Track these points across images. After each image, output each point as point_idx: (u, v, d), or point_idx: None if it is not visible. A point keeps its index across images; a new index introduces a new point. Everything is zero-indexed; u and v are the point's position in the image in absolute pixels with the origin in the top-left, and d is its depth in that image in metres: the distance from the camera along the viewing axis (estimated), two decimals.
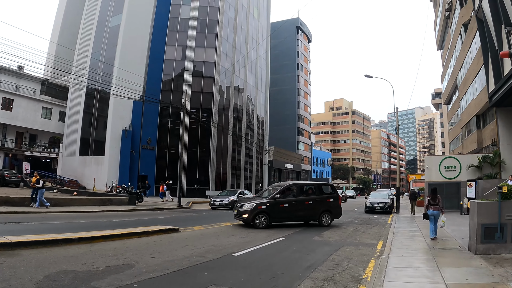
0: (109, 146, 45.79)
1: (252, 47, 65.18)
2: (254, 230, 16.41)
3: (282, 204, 17.75)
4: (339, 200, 20.04)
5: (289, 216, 18.30)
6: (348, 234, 16.23)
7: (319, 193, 19.47)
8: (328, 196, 19.49)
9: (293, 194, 18.67)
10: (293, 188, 19.21)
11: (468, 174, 29.08)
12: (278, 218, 17.86)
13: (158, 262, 8.98)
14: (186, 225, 17.20)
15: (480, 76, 30.41)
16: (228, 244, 12.32)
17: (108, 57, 47.42)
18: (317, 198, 18.99)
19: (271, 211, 17.33)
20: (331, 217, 19.13)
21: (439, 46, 55.17)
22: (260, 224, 16.96)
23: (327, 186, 21.03)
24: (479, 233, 10.10)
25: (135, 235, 12.99)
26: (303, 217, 18.85)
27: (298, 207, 18.28)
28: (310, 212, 18.67)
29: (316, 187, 20.02)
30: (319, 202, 18.95)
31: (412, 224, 20.18)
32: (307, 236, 15.15)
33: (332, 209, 19.18)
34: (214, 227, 17.09)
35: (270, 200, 17.61)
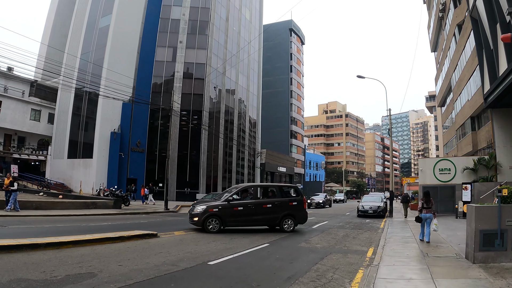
0: (97, 148, 44.93)
1: (244, 49, 64.46)
2: (238, 235, 15.57)
3: (236, 207, 16.55)
4: (304, 203, 18.57)
5: (245, 220, 16.93)
6: (337, 240, 15.36)
7: (280, 195, 18.05)
8: (291, 199, 18.07)
9: (250, 197, 17.59)
10: (250, 190, 18.13)
11: (463, 177, 28.37)
12: (232, 222, 16.59)
13: (124, 271, 8.24)
14: (169, 229, 16.51)
15: (475, 77, 29.79)
16: (206, 251, 11.50)
17: (97, 58, 46.64)
18: (277, 201, 17.52)
19: (223, 214, 16.22)
20: (294, 222, 17.73)
21: (433, 48, 54.75)
22: (212, 228, 15.88)
23: (290, 188, 19.90)
24: (477, 240, 9.21)
25: (109, 240, 12.25)
26: (261, 221, 17.46)
27: (255, 210, 16.96)
28: (269, 216, 17.30)
29: (277, 189, 18.48)
30: (280, 205, 17.47)
31: (405, 229, 19.37)
32: (294, 242, 14.31)
33: (295, 214, 17.77)
34: (196, 232, 16.17)
35: (222, 202, 16.52)
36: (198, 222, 16.00)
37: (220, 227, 16.02)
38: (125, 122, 46.94)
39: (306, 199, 19.87)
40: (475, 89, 29.86)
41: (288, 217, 17.52)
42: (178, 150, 48.88)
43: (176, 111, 47.45)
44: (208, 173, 51.16)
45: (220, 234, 15.73)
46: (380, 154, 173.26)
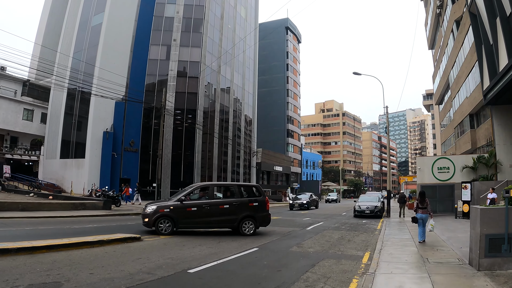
0: (89, 148, 44.10)
1: (239, 47, 63.80)
2: (227, 239, 14.76)
3: (189, 208, 15.35)
4: (267, 204, 17.02)
5: (200, 222, 15.72)
6: (331, 243, 14.52)
7: (240, 195, 16.59)
8: (251, 200, 16.59)
9: (207, 196, 16.24)
10: (207, 189, 16.66)
11: (463, 176, 27.67)
12: (186, 224, 15.40)
13: (93, 281, 7.54)
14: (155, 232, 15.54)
15: (474, 74, 29.25)
16: (189, 256, 10.71)
17: (89, 57, 45.80)
18: (235, 201, 16.17)
19: (176, 215, 15.03)
20: (255, 224, 16.32)
21: (430, 45, 54.36)
22: (164, 230, 14.76)
23: (252, 187, 18.25)
24: (483, 245, 8.38)
25: (87, 245, 11.52)
26: (218, 223, 16.16)
27: (210, 211, 15.68)
28: (227, 218, 15.96)
29: (236, 188, 17.00)
30: (239, 206, 16.13)
31: (403, 230, 18.59)
32: (284, 246, 13.49)
33: (256, 215, 16.34)
34: (183, 235, 15.35)
35: (175, 203, 15.34)
36: (149, 223, 15.00)
37: (172, 229, 14.93)
38: (118, 122, 46.14)
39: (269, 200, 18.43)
40: (474, 86, 29.34)
41: (248, 219, 16.21)
42: (172, 150, 48.15)
43: (170, 110, 46.80)
44: (202, 172, 50.43)
45: (209, 237, 15.03)
46: (377, 153, 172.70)
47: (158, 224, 14.85)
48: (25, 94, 50.81)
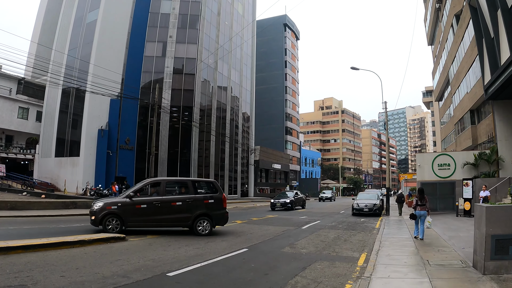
0: (84, 146, 43.52)
1: (236, 44, 63.17)
2: (216, 239, 14.08)
3: (139, 205, 14.15)
4: (224, 201, 15.75)
5: (150, 220, 14.46)
6: (327, 243, 13.78)
7: (194, 192, 15.37)
8: (206, 197, 15.42)
9: (158, 192, 14.82)
10: (158, 185, 15.17)
11: (464, 173, 26.96)
12: (135, 222, 14.20)
13: (61, 284, 7.01)
14: (143, 231, 14.98)
15: (474, 68, 28.60)
16: (172, 258, 10.04)
17: (84, 54, 45.27)
18: (189, 198, 14.89)
19: (124, 213, 13.86)
20: (211, 223, 15.05)
21: (430, 41, 53.78)
22: (111, 229, 13.55)
23: (208, 183, 17.09)
24: (489, 247, 7.66)
25: (67, 245, 10.94)
26: (170, 222, 14.81)
27: (161, 209, 14.47)
28: (179, 216, 14.70)
29: (191, 184, 15.63)
30: (193, 203, 14.89)
31: (403, 229, 17.90)
32: (277, 247, 12.76)
33: (211, 213, 15.11)
34: (173, 235, 14.67)
35: (123, 199, 14.21)
36: (96, 221, 13.75)
37: (121, 228, 13.73)
38: (113, 119, 45.49)
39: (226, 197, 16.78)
40: (475, 81, 28.71)
41: (203, 218, 14.94)
42: (168, 148, 47.63)
43: (166, 108, 46.21)
44: (199, 171, 49.83)
45: (197, 237, 14.25)
46: (377, 150, 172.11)
47: (106, 222, 13.67)
48: (20, 92, 50.24)
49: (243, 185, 62.24)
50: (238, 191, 60.56)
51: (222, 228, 16.69)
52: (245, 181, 63.50)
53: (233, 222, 20.60)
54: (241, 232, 16.18)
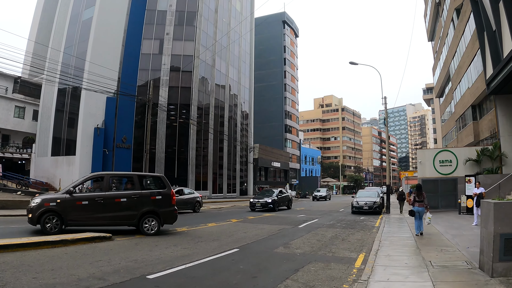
0: (80, 145, 42.85)
1: (234, 41, 62.61)
2: (208, 238, 13.41)
3: (80, 201, 12.86)
4: (172, 198, 14.70)
5: (93, 218, 13.12)
6: (323, 242, 13.09)
7: (140, 187, 14.16)
8: (153, 193, 14.28)
9: (101, 188, 13.61)
10: (101, 180, 13.90)
11: (466, 169, 26.28)
12: (76, 221, 12.90)
13: (31, 287, 6.59)
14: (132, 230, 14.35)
15: (476, 63, 28.01)
16: (156, 259, 9.40)
17: (80, 52, 44.61)
18: (135, 194, 13.74)
19: (63, 210, 12.51)
20: (159, 222, 13.98)
21: (430, 37, 53.30)
22: (51, 228, 12.32)
23: (155, 178, 16.00)
24: (497, 247, 6.97)
25: (48, 244, 10.43)
26: (114, 220, 13.51)
27: (105, 206, 13.23)
28: (124, 213, 13.54)
29: (137, 179, 14.36)
30: (139, 200, 13.75)
31: (403, 227, 17.25)
32: (270, 247, 12.08)
33: (159, 211, 14.02)
34: (163, 235, 14.06)
35: (62, 195, 12.83)
36: (33, 219, 12.45)
37: (61, 227, 12.51)
38: (110, 118, 44.71)
39: (174, 193, 15.74)
40: (476, 76, 28.13)
41: (150, 216, 13.86)
42: (165, 146, 47.07)
43: (163, 105, 45.69)
44: (197, 169, 49.24)
45: (188, 236, 13.69)
46: (377, 148, 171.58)
47: (44, 220, 12.37)
48: (17, 91, 49.73)
49: (242, 184, 61.65)
50: (237, 189, 59.98)
51: (216, 227, 16.13)
52: (244, 180, 62.93)
53: (227, 220, 20.07)
54: (235, 231, 15.55)
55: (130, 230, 14.16)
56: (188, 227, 16.63)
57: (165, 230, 14.89)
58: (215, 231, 15.29)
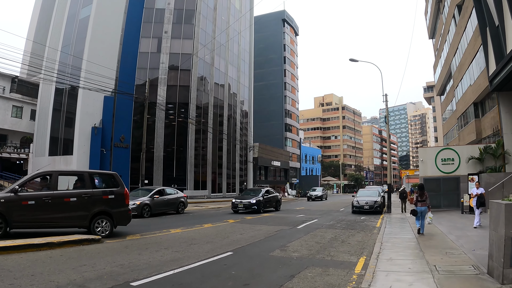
0: (77, 144, 42.27)
1: (233, 39, 62.08)
2: (201, 240, 12.82)
3: (26, 201, 11.71)
4: (126, 197, 13.80)
5: (40, 220, 11.97)
6: (322, 245, 12.50)
7: (92, 186, 13.01)
8: (106, 192, 13.22)
9: (49, 187, 12.32)
10: (49, 178, 12.56)
11: (468, 168, 25.77)
12: (22, 223, 11.75)
13: None
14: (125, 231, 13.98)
15: (478, 59, 27.53)
16: (144, 263, 8.88)
17: (77, 51, 43.99)
18: (86, 193, 12.59)
19: (8, 211, 11.38)
20: (111, 223, 13.07)
21: (431, 34, 52.82)
22: None
23: (108, 176, 14.52)
24: (508, 251, 6.42)
25: (33, 247, 9.99)
26: (64, 221, 12.41)
27: (53, 206, 12.06)
28: (74, 214, 12.42)
29: (88, 177, 13.18)
30: (90, 199, 12.67)
31: (405, 228, 16.73)
32: (266, 249, 11.49)
33: (112, 211, 13.08)
34: (154, 235, 13.54)
35: (6, 194, 11.63)
36: None
37: (5, 230, 11.36)
38: (107, 117, 44.34)
39: (128, 192, 14.88)
40: (478, 72, 27.64)
41: (102, 216, 12.88)
42: (164, 145, 46.58)
43: (161, 104, 45.24)
44: (196, 168, 48.71)
45: (181, 238, 13.10)
46: (378, 147, 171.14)
47: None
48: (14, 91, 49.20)
49: (242, 183, 61.10)
50: (237, 189, 59.40)
51: (212, 228, 15.59)
52: (243, 179, 62.38)
53: (224, 221, 19.55)
54: (231, 232, 15.04)
55: (122, 232, 13.64)
56: (184, 228, 16.11)
57: (157, 231, 14.39)
58: (210, 233, 14.75)
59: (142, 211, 21.50)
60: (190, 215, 23.79)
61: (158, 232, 14.65)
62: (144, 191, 24.31)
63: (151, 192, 23.62)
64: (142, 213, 21.37)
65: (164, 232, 14.69)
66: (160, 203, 23.49)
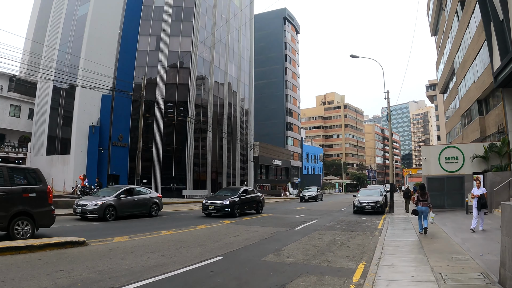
0: (74, 143, 41.82)
1: (233, 37, 61.43)
2: (191, 244, 12.06)
3: None
4: (49, 196, 12.28)
5: None
6: (319, 248, 11.74)
7: (10, 182, 11.26)
8: (26, 189, 11.59)
9: None
10: None
11: (473, 166, 25.00)
12: None
13: None
14: (112, 234, 13.26)
15: (482, 55, 26.81)
16: (126, 269, 8.19)
17: (75, 49, 43.45)
18: (3, 191, 10.97)
19: None
20: (33, 225, 11.62)
21: (433, 31, 52.15)
22: None
23: (28, 172, 12.71)
24: None
25: (11, 250, 9.40)
26: None
27: None
28: None
29: (6, 172, 11.37)
30: (8, 198, 11.04)
31: (408, 229, 16.03)
32: (259, 254, 10.74)
33: (33, 212, 11.62)
34: (142, 237, 12.88)
35: None
36: None
37: None
38: (105, 116, 43.70)
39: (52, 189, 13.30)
40: (482, 69, 26.93)
41: (23, 217, 11.39)
42: (163, 144, 46.10)
43: (160, 103, 44.67)
44: (195, 167, 48.07)
45: (170, 241, 12.38)
46: (380, 145, 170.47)
47: None
48: (12, 90, 49.08)
49: (242, 182, 60.41)
50: None
51: (205, 230, 14.83)
52: (244, 178, 61.69)
53: (220, 222, 18.81)
54: (225, 234, 14.39)
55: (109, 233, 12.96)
56: (175, 230, 15.42)
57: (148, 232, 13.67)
58: (199, 235, 14.01)
59: (105, 213, 18.81)
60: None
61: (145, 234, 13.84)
62: (110, 190, 21.66)
63: (118, 191, 20.80)
64: (105, 215, 18.70)
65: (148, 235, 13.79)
66: (128, 204, 20.75)
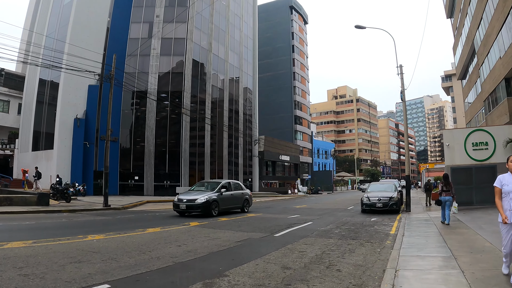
0: (58, 138, 38.68)
1: (234, 25, 57.64)
2: (96, 258, 8.05)
3: None
4: None
5: None
6: (290, 273, 7.08)
7: None
8: None
9: None
10: None
11: (506, 153, 20.16)
12: None
13: None
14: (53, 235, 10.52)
15: (509, 24, 22.81)
16: None
17: (61, 37, 40.44)
18: None
19: None
20: None
21: (449, 13, 48.28)
22: None
23: None
24: None
25: None
26: None
27: None
28: None
29: None
30: None
31: (432, 236, 11.63)
32: (178, 283, 6.18)
33: None
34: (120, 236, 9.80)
35: None
36: None
37: None
38: (92, 108, 40.44)
39: None
40: (510, 41, 22.68)
41: None
42: (155, 138, 42.61)
43: (153, 93, 41.38)
44: (191, 163, 44.27)
45: (70, 251, 8.53)
46: (395, 141, 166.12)
47: None
48: (1, 84, 47.34)
49: (246, 179, 56.46)
50: None
51: (146, 234, 11.25)
52: (248, 176, 57.84)
53: (185, 224, 14.75)
54: (170, 242, 10.31)
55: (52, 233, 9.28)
56: (114, 233, 11.50)
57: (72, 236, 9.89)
58: (139, 241, 10.40)
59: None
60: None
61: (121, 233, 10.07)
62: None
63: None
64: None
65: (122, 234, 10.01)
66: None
